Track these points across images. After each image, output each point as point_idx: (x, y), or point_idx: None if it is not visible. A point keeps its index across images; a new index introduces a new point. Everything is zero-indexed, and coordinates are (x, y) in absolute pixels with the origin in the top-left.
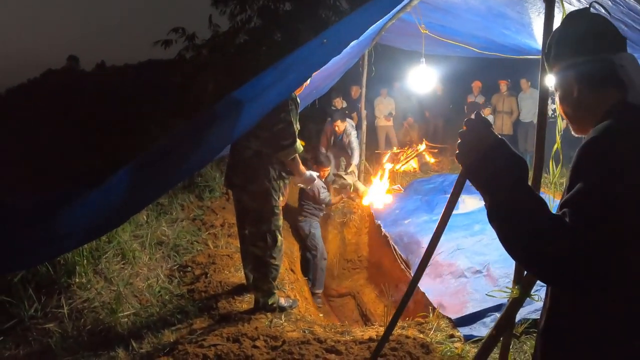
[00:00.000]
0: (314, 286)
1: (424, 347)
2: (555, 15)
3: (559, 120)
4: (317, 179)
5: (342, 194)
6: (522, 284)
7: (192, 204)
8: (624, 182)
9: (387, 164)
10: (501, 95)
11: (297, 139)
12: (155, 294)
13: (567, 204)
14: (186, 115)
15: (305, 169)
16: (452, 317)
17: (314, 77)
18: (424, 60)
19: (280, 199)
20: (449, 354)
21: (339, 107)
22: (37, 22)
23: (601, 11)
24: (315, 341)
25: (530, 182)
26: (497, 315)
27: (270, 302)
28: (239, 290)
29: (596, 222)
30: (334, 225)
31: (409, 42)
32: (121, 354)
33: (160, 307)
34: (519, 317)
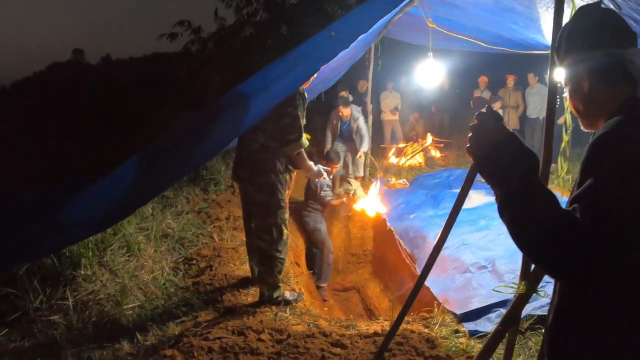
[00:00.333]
0: (320, 279)
1: (429, 342)
2: (564, 10)
3: (567, 115)
4: (324, 173)
5: (343, 197)
6: (529, 279)
7: (197, 196)
8: (635, 177)
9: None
10: (507, 89)
11: (303, 134)
12: (160, 287)
13: (578, 199)
14: (192, 108)
15: (311, 164)
16: (457, 312)
17: (321, 70)
18: (431, 54)
19: (286, 192)
20: (454, 349)
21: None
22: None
23: (610, 6)
24: (320, 335)
25: None
26: (502, 310)
27: (275, 295)
28: (244, 283)
29: (607, 217)
30: (339, 219)
31: (416, 36)
32: (126, 346)
33: (165, 300)
34: (524, 313)
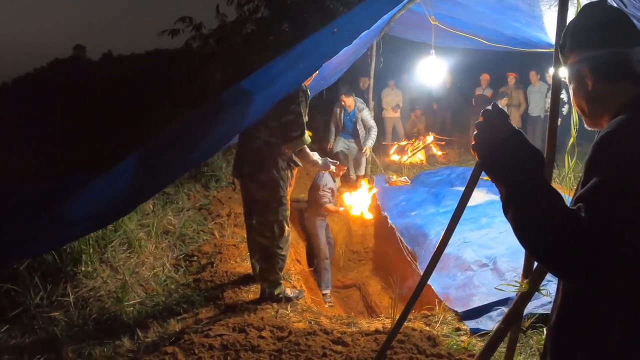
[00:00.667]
0: (320, 286)
1: (431, 340)
2: (568, 8)
3: (574, 113)
4: (332, 166)
5: (339, 208)
6: (531, 278)
7: (198, 193)
8: (639, 176)
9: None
10: (509, 87)
11: (305, 131)
12: (161, 283)
13: (582, 198)
14: (193, 104)
15: (317, 157)
16: (459, 310)
17: (323, 67)
18: (433, 51)
19: (287, 189)
20: (456, 347)
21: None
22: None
23: (613, 4)
24: (321, 332)
25: None
26: (504, 309)
27: (276, 292)
28: (245, 280)
29: (611, 217)
30: (340, 216)
31: (418, 34)
32: (127, 343)
33: (166, 297)
34: (525, 312)
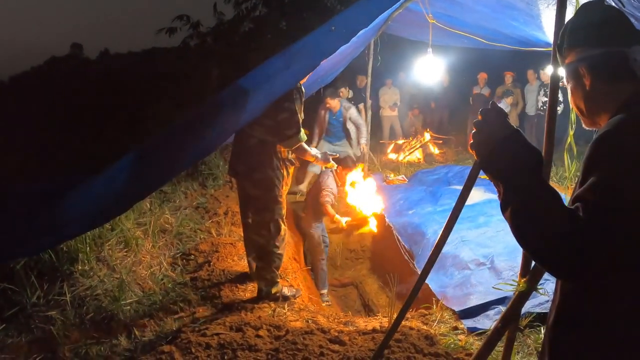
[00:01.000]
0: (318, 287)
1: (428, 339)
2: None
3: (572, 112)
4: (331, 160)
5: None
6: (529, 277)
7: (195, 191)
8: (638, 176)
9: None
10: (505, 86)
11: (301, 129)
12: (158, 282)
13: (580, 197)
14: (190, 103)
15: (315, 151)
16: (456, 309)
17: (320, 66)
18: (430, 50)
19: (283, 188)
20: (453, 346)
21: (344, 97)
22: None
23: (612, 3)
24: (318, 331)
25: None
26: (501, 308)
27: (273, 291)
28: (242, 278)
29: (609, 216)
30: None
31: (415, 32)
32: (123, 342)
33: (163, 295)
34: (523, 311)
